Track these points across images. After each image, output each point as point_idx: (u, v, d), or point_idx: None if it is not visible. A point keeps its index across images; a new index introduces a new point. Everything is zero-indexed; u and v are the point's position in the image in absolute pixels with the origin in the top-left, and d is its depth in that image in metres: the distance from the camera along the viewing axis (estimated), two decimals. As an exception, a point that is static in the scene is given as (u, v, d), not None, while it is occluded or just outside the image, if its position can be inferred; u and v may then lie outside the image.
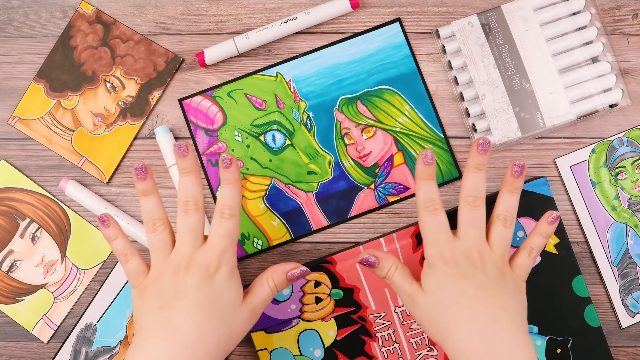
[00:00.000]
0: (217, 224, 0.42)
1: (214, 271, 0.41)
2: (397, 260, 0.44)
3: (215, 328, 0.40)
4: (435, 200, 0.42)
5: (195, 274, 0.40)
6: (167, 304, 0.40)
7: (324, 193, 0.52)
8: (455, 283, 0.41)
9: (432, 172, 0.42)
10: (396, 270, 0.43)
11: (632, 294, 0.51)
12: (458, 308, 0.40)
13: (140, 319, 0.41)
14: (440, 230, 0.42)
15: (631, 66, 0.53)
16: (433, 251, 0.42)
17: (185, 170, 0.42)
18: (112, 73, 0.54)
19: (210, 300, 0.40)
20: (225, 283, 0.41)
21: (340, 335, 0.50)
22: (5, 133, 0.54)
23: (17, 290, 0.53)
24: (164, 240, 0.42)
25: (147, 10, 0.54)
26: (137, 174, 0.42)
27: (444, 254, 0.41)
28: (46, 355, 0.53)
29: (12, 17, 0.55)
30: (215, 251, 0.41)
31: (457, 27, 0.52)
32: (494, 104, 0.51)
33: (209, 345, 0.40)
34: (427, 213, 0.42)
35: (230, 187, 0.42)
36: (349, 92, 0.53)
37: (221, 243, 0.41)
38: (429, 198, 0.42)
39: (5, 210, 0.53)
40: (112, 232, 0.43)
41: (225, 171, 0.42)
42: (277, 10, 0.54)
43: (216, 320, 0.40)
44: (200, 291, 0.40)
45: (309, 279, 0.51)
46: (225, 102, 0.53)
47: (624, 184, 0.52)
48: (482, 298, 0.40)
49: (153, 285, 0.41)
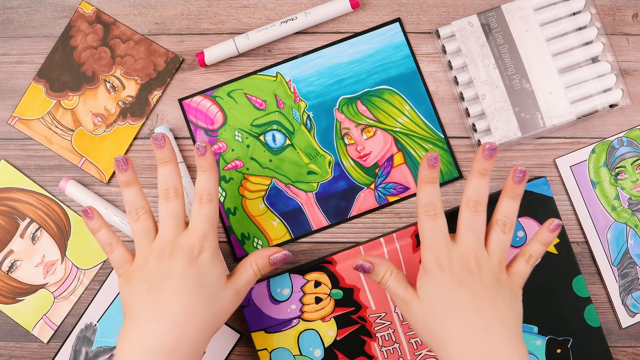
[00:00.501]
0: (197, 210, 0.43)
1: (197, 254, 0.42)
2: (392, 265, 0.44)
3: (202, 306, 0.41)
4: (436, 205, 0.42)
5: (180, 257, 0.42)
6: (154, 286, 0.41)
7: (324, 193, 0.52)
8: (451, 290, 0.41)
9: (436, 176, 0.42)
10: (391, 275, 0.43)
11: (632, 294, 0.51)
12: (452, 316, 0.40)
13: (129, 302, 0.42)
14: (438, 235, 0.42)
15: (631, 66, 0.53)
16: (430, 256, 0.42)
17: (164, 161, 0.44)
18: (112, 73, 0.54)
19: (196, 280, 0.42)
20: (209, 264, 0.43)
21: (340, 335, 0.50)
22: (5, 133, 0.54)
23: (17, 290, 0.53)
24: (147, 228, 0.44)
25: (147, 10, 0.54)
26: (118, 166, 0.44)
27: (440, 259, 0.41)
28: (46, 355, 0.53)
29: (12, 17, 0.55)
30: (197, 235, 0.43)
31: (457, 27, 0.52)
32: (494, 104, 0.51)
33: (197, 322, 0.41)
34: (427, 218, 0.42)
35: (207, 173, 0.44)
36: (349, 92, 0.53)
37: (202, 227, 0.43)
38: (429, 202, 0.42)
39: (5, 210, 0.53)
40: (96, 223, 0.45)
41: (201, 158, 0.44)
42: (277, 10, 0.54)
43: (203, 299, 0.42)
44: (186, 272, 0.42)
45: (309, 279, 0.51)
46: (225, 102, 0.53)
47: (624, 184, 0.52)
48: (476, 306, 0.40)
49: (139, 271, 0.43)
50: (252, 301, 0.51)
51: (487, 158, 0.42)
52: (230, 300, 0.44)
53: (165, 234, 0.43)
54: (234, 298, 0.44)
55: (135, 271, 0.43)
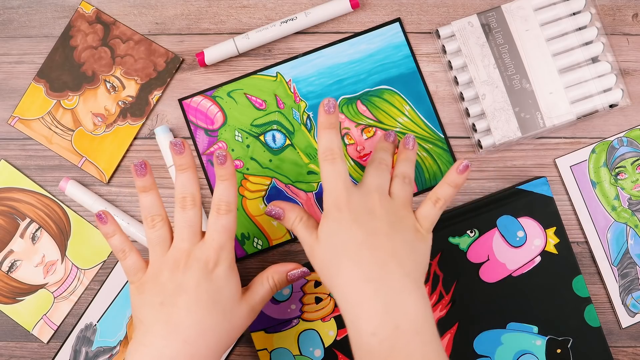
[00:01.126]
0: (215, 220, 0.42)
1: (213, 267, 0.41)
2: (303, 211, 0.44)
3: (215, 323, 0.40)
4: (334, 149, 0.42)
5: (195, 269, 0.41)
6: (167, 299, 0.40)
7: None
8: (345, 229, 0.40)
9: (334, 122, 0.42)
10: (300, 221, 0.43)
11: (632, 294, 0.51)
12: (345, 253, 0.40)
13: (140, 314, 0.41)
14: (338, 179, 0.42)
15: (631, 66, 0.53)
16: (329, 199, 0.42)
17: (182, 167, 0.43)
18: (112, 73, 0.54)
19: (210, 295, 0.40)
20: (224, 278, 0.41)
21: (340, 335, 0.50)
22: (5, 133, 0.54)
23: (17, 290, 0.53)
24: (162, 236, 0.42)
25: (147, 10, 0.54)
26: (136, 170, 0.43)
27: (338, 201, 0.41)
28: (46, 355, 0.53)
29: (12, 17, 0.55)
30: (214, 246, 0.41)
31: (457, 27, 0.52)
32: (494, 104, 0.51)
33: (210, 340, 0.40)
34: (326, 162, 0.42)
35: (227, 183, 0.42)
36: (349, 92, 0.53)
37: (219, 238, 0.42)
38: (328, 147, 0.42)
39: (5, 210, 0.53)
40: (110, 228, 0.44)
41: (221, 167, 0.42)
42: (277, 10, 0.54)
43: (217, 315, 0.40)
44: (200, 287, 0.40)
45: (309, 279, 0.51)
46: (225, 102, 0.53)
47: (624, 184, 0.52)
48: (371, 243, 0.40)
49: (152, 281, 0.41)
50: (252, 301, 0.51)
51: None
52: (244, 317, 0.42)
53: (181, 243, 0.42)
54: (248, 315, 0.43)
55: (148, 280, 0.42)
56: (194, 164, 0.43)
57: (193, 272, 0.41)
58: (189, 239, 0.42)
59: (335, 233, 0.41)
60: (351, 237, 0.40)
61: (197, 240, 0.42)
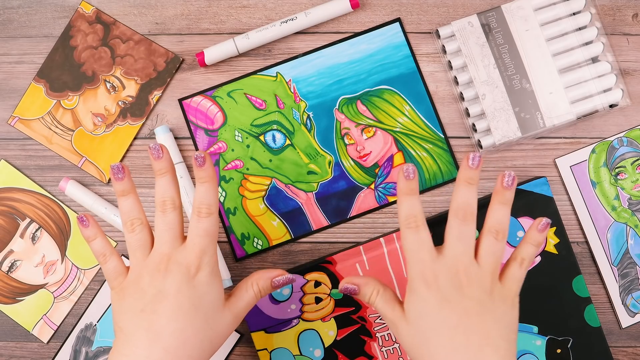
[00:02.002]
0: (195, 224, 0.41)
1: (194, 272, 0.40)
2: (379, 284, 0.42)
3: (197, 331, 0.39)
4: (417, 216, 0.40)
5: (176, 274, 0.40)
6: (148, 306, 0.39)
7: (324, 193, 0.52)
8: (436, 311, 0.38)
9: (415, 187, 0.40)
10: (377, 295, 0.42)
11: (632, 294, 0.51)
12: (438, 339, 0.38)
13: (120, 321, 0.40)
14: (422, 248, 0.39)
15: (631, 66, 0.53)
16: (415, 271, 0.39)
17: (162, 172, 0.42)
18: (112, 73, 0.54)
19: (192, 302, 0.39)
20: (206, 284, 0.40)
21: (340, 335, 0.50)
22: (5, 133, 0.54)
23: (17, 290, 0.53)
24: (142, 240, 0.41)
25: (147, 10, 0.54)
26: (114, 174, 0.42)
27: (425, 274, 0.39)
28: (46, 355, 0.53)
29: (12, 17, 0.55)
30: (195, 251, 0.40)
31: (457, 27, 0.52)
32: (494, 104, 0.51)
33: (191, 348, 0.39)
34: (410, 230, 0.40)
35: (207, 185, 0.41)
36: (349, 92, 0.53)
37: (200, 243, 0.40)
38: (410, 214, 0.40)
39: (5, 210, 0.53)
40: (92, 232, 0.43)
41: (200, 169, 0.41)
42: (277, 10, 0.54)
43: (198, 323, 0.39)
44: (181, 293, 0.39)
45: (309, 279, 0.51)
46: (225, 102, 0.53)
47: (624, 184, 0.52)
48: (464, 327, 0.38)
49: (132, 286, 0.40)
50: (252, 301, 0.51)
51: (473, 167, 0.40)
52: (227, 324, 0.41)
53: (162, 247, 0.41)
54: (231, 322, 0.42)
55: (129, 286, 0.41)
56: (173, 167, 0.42)
57: (174, 277, 0.39)
58: (170, 243, 0.41)
59: (425, 314, 0.39)
60: (443, 321, 0.38)
61: (178, 244, 0.41)
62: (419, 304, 0.39)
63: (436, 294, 0.39)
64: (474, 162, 0.40)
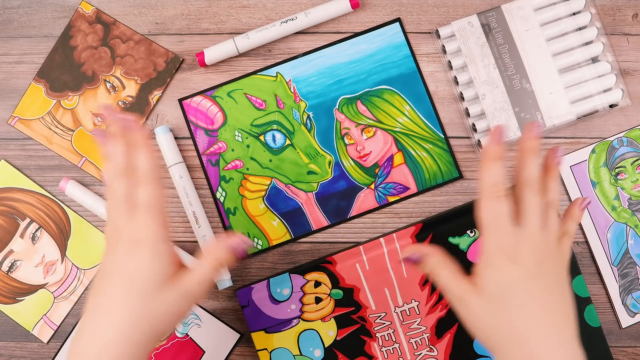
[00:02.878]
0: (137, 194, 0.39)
1: (133, 247, 0.38)
2: (444, 256, 0.40)
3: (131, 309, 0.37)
4: (501, 185, 0.38)
5: (119, 250, 0.38)
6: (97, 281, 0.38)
7: (324, 193, 0.52)
8: (522, 287, 0.36)
9: (503, 152, 0.38)
10: (443, 268, 0.39)
11: (632, 294, 0.51)
12: (525, 318, 0.36)
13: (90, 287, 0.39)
14: (505, 220, 0.37)
15: (631, 66, 0.53)
16: (494, 244, 0.37)
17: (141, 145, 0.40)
18: (112, 73, 0.54)
19: (125, 279, 0.37)
20: (144, 260, 0.37)
21: (340, 335, 0.50)
22: (5, 133, 0.54)
23: (17, 290, 0.53)
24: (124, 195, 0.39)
25: (147, 10, 0.54)
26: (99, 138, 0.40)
27: (507, 249, 0.37)
28: (46, 355, 0.53)
29: (12, 17, 0.55)
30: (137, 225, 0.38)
31: (457, 27, 0.52)
32: (494, 104, 0.51)
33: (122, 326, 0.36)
34: (492, 199, 0.37)
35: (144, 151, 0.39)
36: (349, 92, 0.53)
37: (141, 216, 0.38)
38: (496, 183, 0.38)
39: (5, 210, 0.53)
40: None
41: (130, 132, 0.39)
42: (277, 10, 0.54)
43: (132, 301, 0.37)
44: (116, 269, 0.38)
45: (309, 279, 0.51)
46: (225, 102, 0.53)
47: (624, 184, 0.52)
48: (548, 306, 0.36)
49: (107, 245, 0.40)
50: (252, 301, 0.51)
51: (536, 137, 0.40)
52: (173, 303, 0.37)
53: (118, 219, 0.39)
54: (180, 299, 0.38)
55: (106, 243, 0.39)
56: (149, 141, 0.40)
57: (117, 254, 0.38)
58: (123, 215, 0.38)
59: (510, 291, 0.37)
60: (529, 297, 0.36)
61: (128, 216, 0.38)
62: (500, 279, 0.37)
63: (521, 269, 0.37)
64: (538, 130, 0.40)
